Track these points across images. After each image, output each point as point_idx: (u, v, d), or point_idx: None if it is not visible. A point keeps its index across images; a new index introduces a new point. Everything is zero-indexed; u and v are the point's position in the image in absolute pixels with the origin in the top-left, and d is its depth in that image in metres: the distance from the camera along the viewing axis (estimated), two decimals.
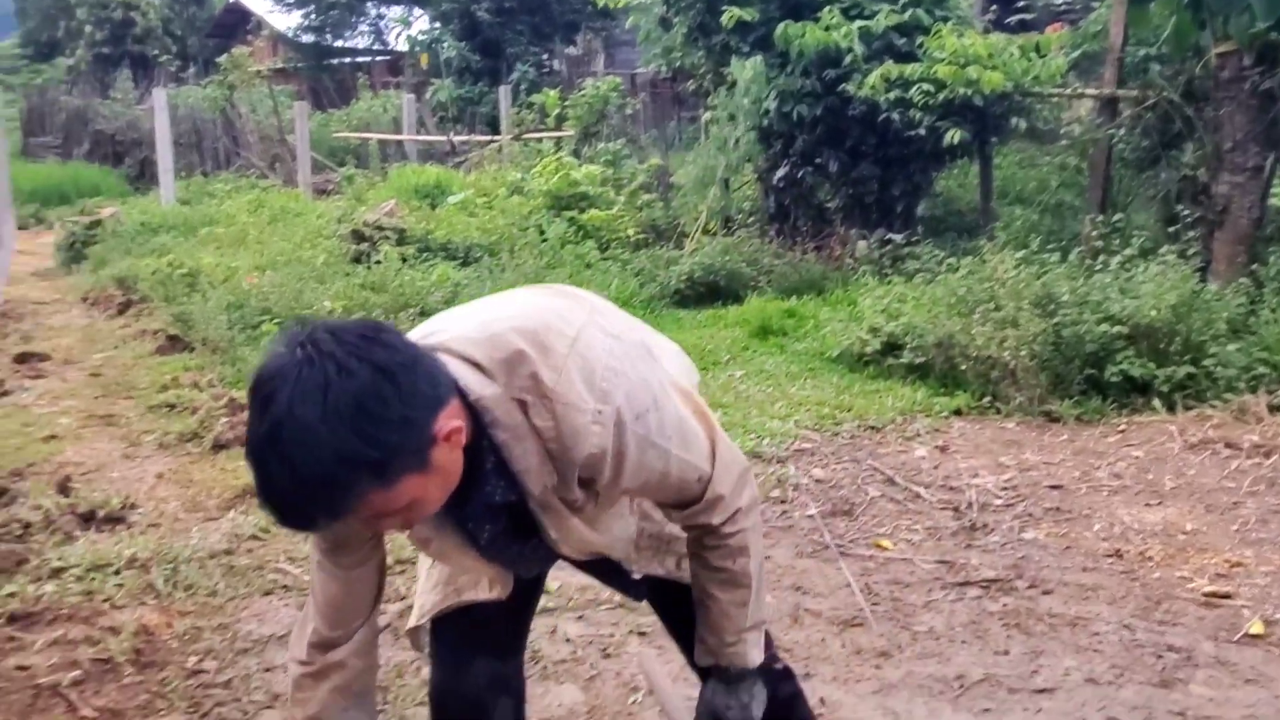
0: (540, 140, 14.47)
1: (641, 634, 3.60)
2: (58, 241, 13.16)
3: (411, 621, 2.11)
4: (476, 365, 1.61)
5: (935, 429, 5.74)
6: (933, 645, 3.53)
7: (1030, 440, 5.57)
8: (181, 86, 25.96)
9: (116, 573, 3.99)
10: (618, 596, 3.84)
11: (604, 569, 2.09)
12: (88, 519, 4.53)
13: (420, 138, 18.87)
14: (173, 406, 6.25)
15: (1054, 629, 3.62)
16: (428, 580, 2.08)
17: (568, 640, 3.55)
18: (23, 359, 7.70)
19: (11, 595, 3.79)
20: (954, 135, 8.76)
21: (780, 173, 10.19)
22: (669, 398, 1.77)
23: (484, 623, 2.03)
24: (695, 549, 1.92)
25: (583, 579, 3.93)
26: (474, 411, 1.60)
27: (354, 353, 1.44)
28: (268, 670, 3.39)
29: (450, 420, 1.52)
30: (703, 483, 1.81)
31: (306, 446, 1.39)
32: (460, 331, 1.67)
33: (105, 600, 3.80)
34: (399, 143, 18.81)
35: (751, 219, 10.61)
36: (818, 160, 9.98)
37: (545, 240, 9.93)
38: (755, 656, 1.96)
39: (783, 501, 4.75)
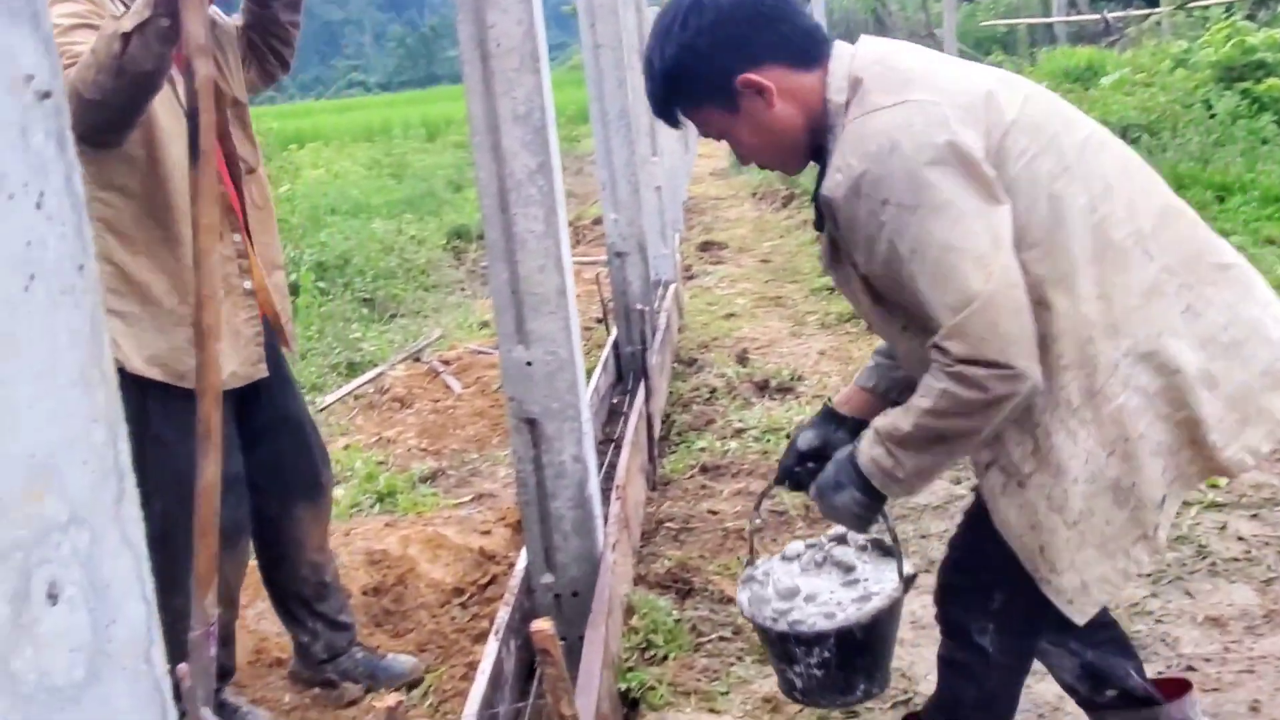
0: (1208, 8, 13.08)
1: None
2: None
3: None
4: (855, 83, 1.75)
5: None
6: None
7: None
8: None
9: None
10: None
11: None
12: (762, 388, 5.02)
13: (1071, 19, 17.92)
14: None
15: None
16: None
17: (1240, 539, 3.31)
18: (705, 247, 8.68)
19: (702, 450, 4.34)
20: None
21: None
22: (955, 227, 1.61)
23: None
24: None
25: (1256, 476, 3.63)
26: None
27: None
28: None
29: (755, 77, 1.74)
30: (940, 326, 1.64)
31: (649, 43, 1.82)
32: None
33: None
34: (1048, 26, 18.02)
35: None
36: None
37: (1213, 116, 9.18)
38: (865, 461, 1.84)
39: None
